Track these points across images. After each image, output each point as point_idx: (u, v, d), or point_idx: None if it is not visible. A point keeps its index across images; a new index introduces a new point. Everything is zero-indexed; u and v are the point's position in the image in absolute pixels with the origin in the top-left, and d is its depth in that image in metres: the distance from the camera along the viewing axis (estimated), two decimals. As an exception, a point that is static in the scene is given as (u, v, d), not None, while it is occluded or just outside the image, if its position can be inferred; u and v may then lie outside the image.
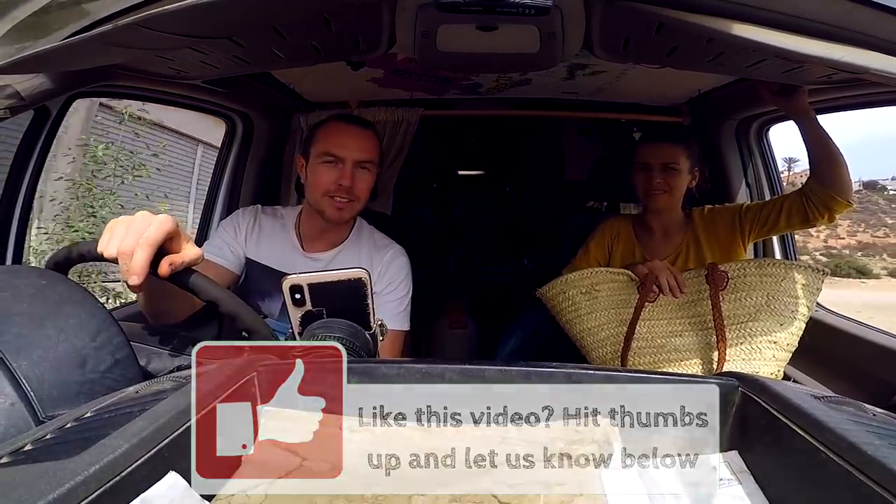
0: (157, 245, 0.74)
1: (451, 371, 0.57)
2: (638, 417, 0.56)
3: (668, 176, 1.62)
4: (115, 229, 0.76)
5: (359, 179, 1.37)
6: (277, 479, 0.49)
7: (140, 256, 0.72)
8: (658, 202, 1.64)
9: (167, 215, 0.77)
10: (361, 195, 1.39)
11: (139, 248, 0.72)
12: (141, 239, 0.73)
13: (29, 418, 0.54)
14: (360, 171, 1.37)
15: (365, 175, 1.38)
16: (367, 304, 0.76)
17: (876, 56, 0.78)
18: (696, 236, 1.65)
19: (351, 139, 1.37)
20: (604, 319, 1.39)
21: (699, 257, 1.62)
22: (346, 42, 1.10)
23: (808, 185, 1.48)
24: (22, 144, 1.29)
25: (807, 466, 0.45)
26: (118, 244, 0.74)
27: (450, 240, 4.00)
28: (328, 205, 1.37)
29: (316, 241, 1.47)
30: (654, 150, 1.65)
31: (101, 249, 0.75)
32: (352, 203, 1.38)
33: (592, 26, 1.03)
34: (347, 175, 1.35)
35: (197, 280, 0.79)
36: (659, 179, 1.62)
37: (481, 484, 0.47)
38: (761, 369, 1.27)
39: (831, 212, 1.45)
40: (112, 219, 0.79)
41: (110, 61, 1.08)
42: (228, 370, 0.56)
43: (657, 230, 1.70)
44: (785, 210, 1.53)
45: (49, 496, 0.33)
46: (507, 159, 4.18)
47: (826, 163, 1.42)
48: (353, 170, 1.36)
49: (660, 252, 1.66)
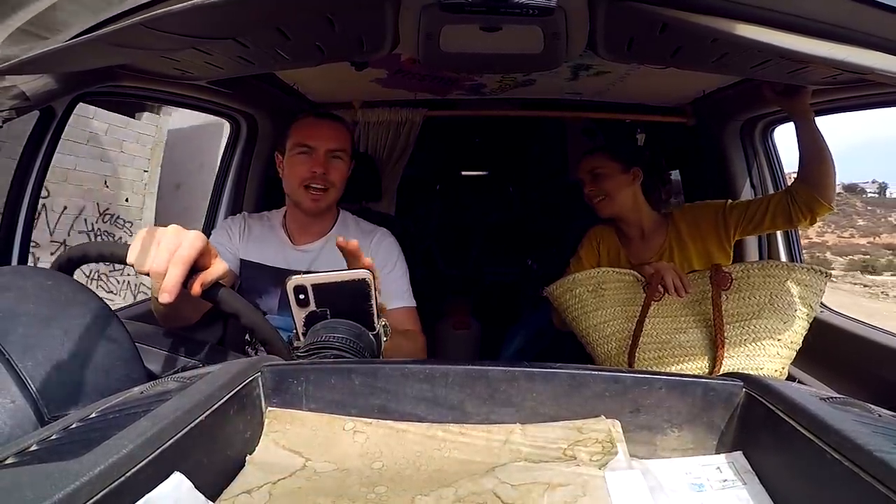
0: (189, 266, 0.77)
1: (455, 371, 0.57)
2: (642, 418, 0.56)
3: (598, 182, 1.68)
4: (147, 243, 0.78)
5: (332, 167, 1.44)
6: (281, 480, 0.49)
7: (173, 276, 0.75)
8: (602, 210, 1.70)
9: (198, 232, 0.79)
10: (336, 183, 1.45)
11: (172, 267, 0.75)
12: (173, 258, 0.75)
13: (34, 418, 0.54)
14: (332, 160, 1.44)
15: (338, 164, 1.45)
16: (370, 305, 0.76)
17: (880, 56, 0.78)
18: (679, 236, 1.65)
19: (322, 129, 1.45)
20: (609, 316, 1.41)
21: (684, 256, 1.63)
22: (350, 42, 1.10)
23: (794, 186, 1.49)
24: (27, 145, 1.29)
25: (812, 467, 0.44)
26: (151, 262, 0.76)
27: (453, 240, 4.00)
28: (304, 196, 1.44)
29: (303, 234, 1.54)
30: (580, 166, 1.74)
31: (133, 262, 0.78)
32: (326, 192, 1.44)
33: (596, 27, 1.03)
34: (320, 162, 1.42)
35: (224, 294, 0.82)
36: (591, 188, 1.69)
37: (484, 484, 0.47)
38: (765, 366, 1.28)
39: (813, 214, 1.47)
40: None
41: (115, 62, 1.08)
42: (233, 371, 0.56)
43: (633, 234, 1.72)
44: (770, 210, 1.53)
45: (54, 497, 0.33)
46: (510, 160, 4.18)
47: (817, 165, 1.43)
48: (326, 158, 1.43)
49: (643, 254, 1.68)
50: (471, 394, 0.57)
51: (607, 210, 1.69)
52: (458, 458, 0.52)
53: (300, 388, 0.57)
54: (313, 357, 0.70)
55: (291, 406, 0.57)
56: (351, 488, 0.47)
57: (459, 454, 0.53)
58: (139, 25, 0.76)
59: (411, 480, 0.49)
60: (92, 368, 0.62)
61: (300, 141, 1.45)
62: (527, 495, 0.45)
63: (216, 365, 0.64)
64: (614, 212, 1.69)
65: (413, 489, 0.47)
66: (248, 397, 0.55)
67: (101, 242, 0.87)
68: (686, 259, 1.61)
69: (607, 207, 1.68)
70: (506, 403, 0.57)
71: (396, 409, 0.57)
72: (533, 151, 3.81)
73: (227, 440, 0.51)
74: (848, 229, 26.87)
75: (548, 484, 0.47)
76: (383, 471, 0.51)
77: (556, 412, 0.56)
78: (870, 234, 25.68)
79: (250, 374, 0.56)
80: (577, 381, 0.57)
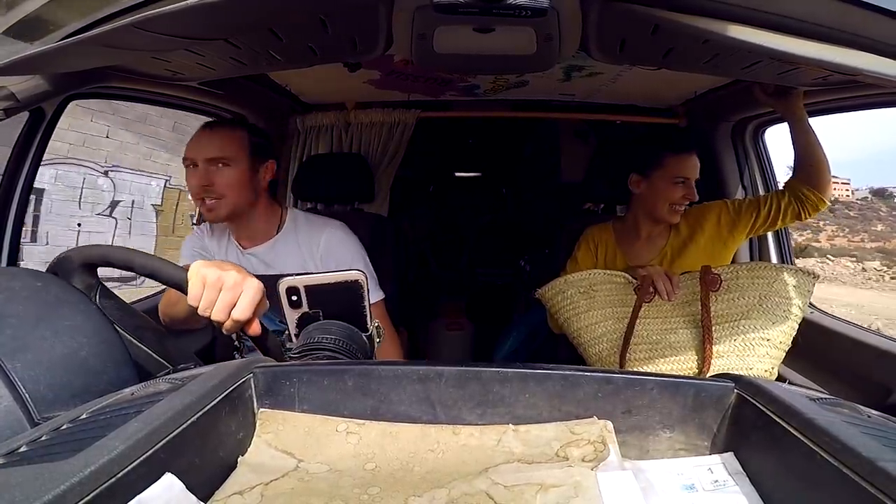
0: (248, 320, 0.82)
1: (448, 373, 0.57)
2: (634, 419, 0.56)
3: (693, 189, 1.59)
4: (207, 288, 0.81)
5: (216, 176, 1.37)
6: (273, 481, 0.49)
7: (231, 328, 0.82)
8: (680, 214, 1.62)
9: (258, 282, 0.84)
10: (225, 191, 1.39)
11: (231, 322, 0.81)
12: (234, 314, 0.80)
13: (24, 420, 0.54)
14: (217, 169, 1.38)
15: (224, 171, 1.38)
16: (363, 306, 0.76)
17: (869, 57, 0.79)
18: (681, 238, 1.65)
19: (201, 141, 1.39)
20: (600, 317, 1.42)
21: (683, 259, 1.63)
22: (343, 44, 1.10)
23: (795, 187, 1.52)
24: (17, 146, 1.28)
25: (802, 468, 0.45)
26: (210, 310, 0.81)
27: (446, 241, 4.00)
28: (201, 207, 1.40)
29: (246, 239, 1.51)
30: (690, 162, 1.60)
31: (194, 305, 0.82)
32: (218, 201, 1.38)
33: (589, 28, 1.04)
34: (199, 175, 1.37)
35: (271, 341, 0.87)
36: (689, 192, 1.59)
37: (477, 485, 0.47)
38: (755, 367, 1.29)
39: (816, 211, 1.52)
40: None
41: (106, 63, 1.08)
42: (225, 372, 0.56)
43: (644, 235, 1.70)
44: (774, 210, 1.56)
45: (44, 498, 0.33)
46: (503, 161, 4.19)
47: (815, 166, 1.48)
48: (207, 169, 1.37)
49: (643, 256, 1.68)
50: (464, 395, 0.57)
51: (680, 216, 1.62)
52: (451, 459, 0.52)
53: (293, 390, 0.57)
54: (306, 358, 0.70)
55: (284, 407, 0.57)
56: (344, 489, 0.47)
57: (452, 455, 0.53)
58: (130, 26, 0.76)
59: (404, 481, 0.49)
60: (82, 369, 0.62)
61: (185, 155, 1.40)
62: (519, 496, 0.45)
63: (208, 366, 0.64)
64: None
65: (406, 490, 0.47)
66: (241, 398, 0.55)
67: (152, 256, 0.86)
68: (683, 261, 1.61)
69: (681, 213, 1.62)
70: (499, 404, 0.57)
71: (389, 410, 0.57)
72: (526, 153, 3.81)
73: (219, 441, 0.50)
74: (861, 234, 26.85)
75: (540, 485, 0.47)
76: (376, 472, 0.51)
77: (549, 413, 0.56)
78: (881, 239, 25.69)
79: (242, 375, 0.56)
80: (569, 382, 0.57)
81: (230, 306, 0.80)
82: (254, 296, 0.81)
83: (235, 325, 0.81)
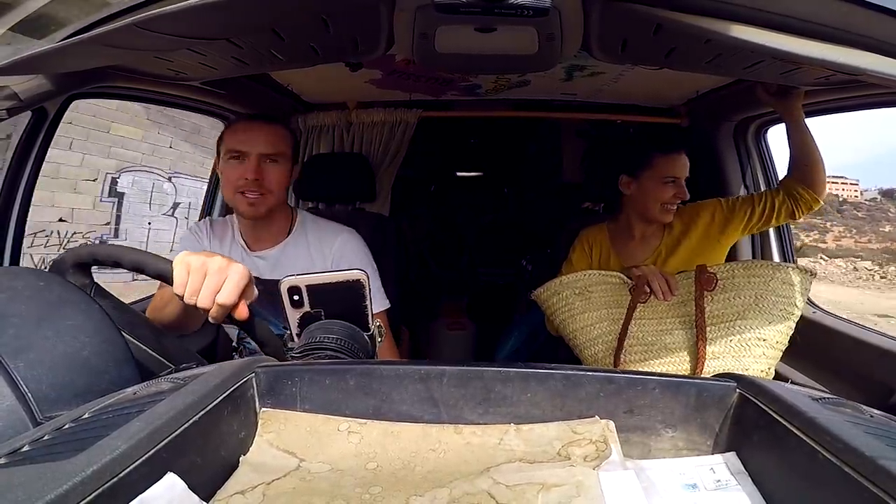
0: (233, 304, 0.82)
1: (450, 372, 0.57)
2: (636, 418, 0.56)
3: (683, 188, 1.59)
4: (191, 274, 0.81)
5: (267, 172, 1.37)
6: (275, 480, 0.49)
7: (219, 313, 0.82)
8: (672, 214, 1.60)
9: (243, 267, 0.84)
10: (273, 187, 1.39)
11: (217, 308, 0.81)
12: (219, 298, 0.81)
13: (27, 419, 0.54)
14: (267, 165, 1.38)
15: (274, 167, 1.39)
16: (365, 306, 0.76)
17: (872, 57, 0.78)
18: (675, 238, 1.65)
19: (253, 134, 1.38)
20: (596, 318, 1.41)
21: (676, 256, 1.62)
22: (345, 43, 1.10)
23: (790, 186, 1.53)
24: (20, 146, 1.28)
25: (804, 467, 0.45)
26: (195, 298, 0.81)
27: (448, 241, 4.00)
28: (240, 201, 1.38)
29: (257, 240, 1.49)
30: (680, 161, 1.59)
31: (179, 293, 0.82)
32: (264, 196, 1.38)
33: (591, 27, 1.03)
34: (251, 169, 1.35)
35: (259, 327, 0.87)
36: (680, 191, 1.58)
37: (479, 485, 0.47)
38: (751, 367, 1.28)
39: (810, 210, 1.52)
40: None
41: (108, 62, 1.08)
42: (227, 371, 0.56)
43: (637, 235, 1.69)
44: (769, 209, 1.56)
45: (46, 497, 0.33)
46: (505, 161, 4.18)
47: (811, 165, 1.48)
48: (259, 163, 1.36)
49: (637, 257, 1.67)
50: (465, 394, 0.57)
51: (672, 215, 1.61)
52: (452, 459, 0.52)
53: (294, 389, 0.57)
54: (308, 357, 0.70)
55: (286, 407, 0.57)
56: (345, 489, 0.47)
57: (454, 455, 0.53)
58: (132, 26, 0.76)
59: (406, 481, 0.49)
60: (84, 369, 0.62)
61: (232, 147, 1.37)
62: (521, 496, 0.45)
63: (210, 365, 0.64)
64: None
65: (408, 490, 0.47)
66: (242, 398, 0.55)
67: (138, 250, 0.87)
68: (680, 258, 1.60)
69: (673, 213, 1.61)
70: (500, 404, 0.57)
71: (391, 409, 0.57)
72: (528, 152, 3.81)
73: (220, 441, 0.50)
74: (869, 234, 26.66)
75: (542, 484, 0.47)
76: (378, 471, 0.51)
77: (551, 412, 0.56)
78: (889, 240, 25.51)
79: (244, 374, 0.56)
80: (571, 381, 0.57)
81: (215, 291, 0.80)
82: (239, 280, 0.81)
83: (221, 310, 0.81)
